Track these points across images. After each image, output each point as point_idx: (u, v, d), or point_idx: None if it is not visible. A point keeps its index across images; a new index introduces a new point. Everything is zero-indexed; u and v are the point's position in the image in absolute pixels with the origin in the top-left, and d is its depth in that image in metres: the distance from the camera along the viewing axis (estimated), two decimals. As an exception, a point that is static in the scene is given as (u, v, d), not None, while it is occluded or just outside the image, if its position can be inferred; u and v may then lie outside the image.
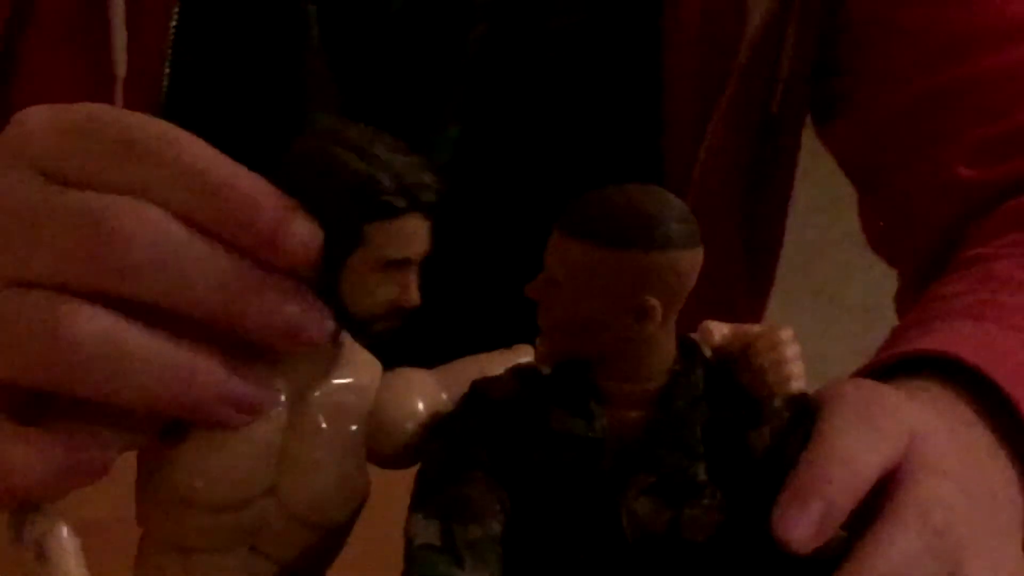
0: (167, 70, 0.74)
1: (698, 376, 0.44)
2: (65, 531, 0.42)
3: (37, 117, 0.44)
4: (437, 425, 0.45)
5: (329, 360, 0.45)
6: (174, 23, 0.74)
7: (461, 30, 0.77)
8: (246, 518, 0.43)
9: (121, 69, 0.73)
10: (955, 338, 0.60)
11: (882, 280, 0.85)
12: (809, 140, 0.87)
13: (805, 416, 0.45)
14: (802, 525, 0.42)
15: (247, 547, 0.44)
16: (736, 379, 0.45)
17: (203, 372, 0.42)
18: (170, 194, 0.42)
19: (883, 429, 0.45)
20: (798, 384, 0.47)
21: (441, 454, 0.44)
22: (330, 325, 0.43)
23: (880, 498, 0.44)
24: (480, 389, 0.45)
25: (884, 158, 0.81)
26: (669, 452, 0.43)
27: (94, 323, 0.41)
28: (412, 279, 0.43)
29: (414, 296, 0.43)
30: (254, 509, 0.43)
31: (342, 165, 0.42)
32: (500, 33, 0.77)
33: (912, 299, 0.76)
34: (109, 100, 0.73)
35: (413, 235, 0.42)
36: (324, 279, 0.43)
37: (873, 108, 0.80)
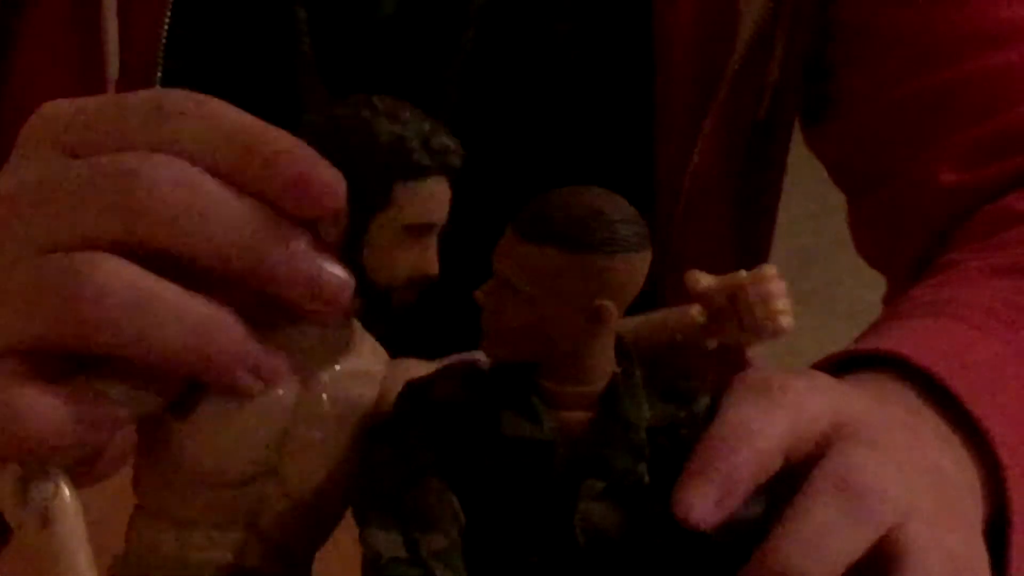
0: (159, 73, 0.74)
1: (638, 377, 0.44)
2: (69, 495, 0.42)
3: (54, 105, 0.44)
4: (377, 429, 0.44)
5: (339, 345, 0.45)
6: (166, 26, 0.74)
7: (451, 35, 0.77)
8: (247, 496, 0.44)
9: (113, 71, 0.74)
10: (906, 337, 0.60)
11: (874, 285, 0.85)
12: (802, 146, 0.87)
13: None
14: (700, 501, 0.42)
15: (244, 525, 0.44)
16: (669, 379, 0.45)
17: (225, 329, 0.42)
18: (197, 146, 0.42)
19: (782, 401, 0.44)
20: (787, 320, 0.47)
21: (389, 460, 0.43)
22: (351, 287, 0.43)
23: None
24: (418, 390, 0.44)
25: (871, 162, 0.81)
26: (618, 455, 0.43)
27: (118, 273, 0.41)
28: (432, 248, 0.44)
29: (433, 266, 0.44)
30: (256, 488, 0.44)
31: (373, 126, 0.43)
32: (490, 38, 0.77)
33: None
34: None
35: (437, 199, 0.43)
36: (347, 245, 0.43)
37: (861, 112, 0.80)
